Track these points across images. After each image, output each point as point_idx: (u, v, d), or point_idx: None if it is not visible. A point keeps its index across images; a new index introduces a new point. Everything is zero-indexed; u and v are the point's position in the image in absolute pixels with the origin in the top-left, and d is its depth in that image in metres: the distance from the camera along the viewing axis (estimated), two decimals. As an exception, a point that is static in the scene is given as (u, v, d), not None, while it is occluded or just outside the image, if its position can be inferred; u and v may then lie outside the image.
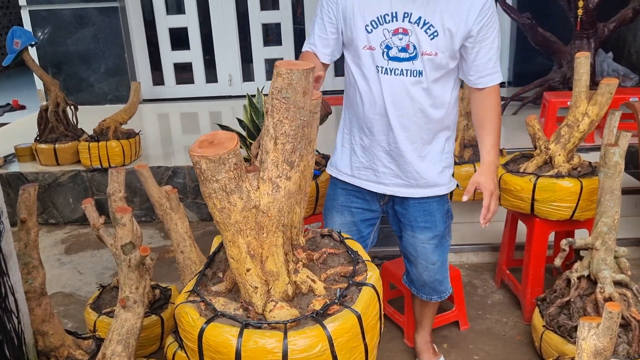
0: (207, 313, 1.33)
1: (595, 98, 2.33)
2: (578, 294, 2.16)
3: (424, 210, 1.95)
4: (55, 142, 3.75)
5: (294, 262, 1.44)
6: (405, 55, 1.75)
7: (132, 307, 1.96)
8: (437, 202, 1.97)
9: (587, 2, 3.95)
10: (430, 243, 1.99)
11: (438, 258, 2.02)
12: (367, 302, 1.31)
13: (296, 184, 1.32)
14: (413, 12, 1.71)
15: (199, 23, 5.72)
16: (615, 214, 2.10)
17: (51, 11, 5.37)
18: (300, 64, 1.23)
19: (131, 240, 1.92)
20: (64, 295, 2.95)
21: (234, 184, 1.24)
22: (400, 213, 2.00)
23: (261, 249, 1.33)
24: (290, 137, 1.24)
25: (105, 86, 5.61)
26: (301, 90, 1.19)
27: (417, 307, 2.28)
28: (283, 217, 1.31)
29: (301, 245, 1.50)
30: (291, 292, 1.37)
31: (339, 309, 1.28)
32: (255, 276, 1.33)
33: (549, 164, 2.46)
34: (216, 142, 1.26)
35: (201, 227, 3.67)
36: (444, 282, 2.09)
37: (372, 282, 1.36)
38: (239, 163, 1.24)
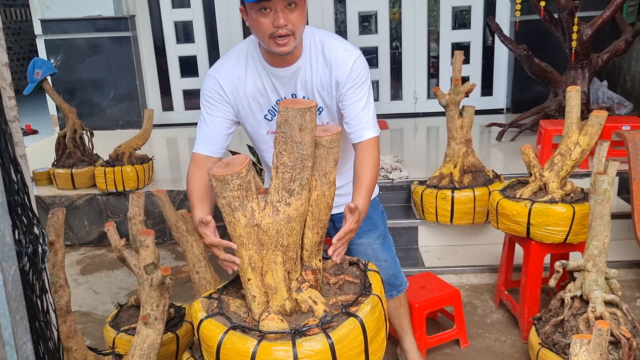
0: (211, 309, 1.58)
1: (585, 129, 2.49)
2: (571, 313, 2.29)
3: None
4: (72, 167, 3.92)
5: (299, 282, 1.58)
6: None
7: (153, 323, 2.10)
8: (371, 206, 2.06)
9: (581, 35, 4.14)
10: (376, 243, 2.17)
11: (387, 254, 2.20)
12: (346, 332, 1.42)
13: (297, 210, 1.47)
14: (297, 93, 1.89)
15: (208, 51, 5.93)
16: (605, 238, 2.24)
17: (66, 40, 5.58)
18: (301, 102, 1.39)
19: (153, 261, 2.07)
20: (81, 314, 3.08)
21: (238, 202, 1.41)
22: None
23: (261, 263, 1.49)
24: (288, 167, 1.40)
25: (116, 112, 5.80)
26: (297, 126, 1.35)
27: (391, 314, 2.31)
28: (281, 238, 1.46)
29: (314, 267, 1.65)
30: (289, 308, 1.52)
31: (318, 332, 1.41)
32: (255, 286, 1.50)
33: (544, 190, 2.60)
34: (231, 164, 1.43)
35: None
36: (399, 276, 2.25)
37: (360, 315, 1.46)
38: (245, 185, 1.40)
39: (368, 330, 1.48)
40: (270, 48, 1.73)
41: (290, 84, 1.88)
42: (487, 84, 5.89)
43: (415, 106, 5.93)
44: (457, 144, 3.26)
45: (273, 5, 1.65)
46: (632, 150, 2.83)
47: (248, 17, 1.74)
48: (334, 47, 1.85)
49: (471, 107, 3.23)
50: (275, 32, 1.68)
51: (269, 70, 1.86)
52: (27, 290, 1.45)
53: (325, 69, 1.86)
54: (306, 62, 1.86)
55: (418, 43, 5.77)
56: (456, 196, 3.17)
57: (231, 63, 1.90)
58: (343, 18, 5.85)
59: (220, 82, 1.88)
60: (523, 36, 5.00)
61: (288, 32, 1.69)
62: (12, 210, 1.40)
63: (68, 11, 5.47)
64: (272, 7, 1.65)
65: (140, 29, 5.81)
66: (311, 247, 1.61)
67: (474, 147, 4.70)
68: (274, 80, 1.87)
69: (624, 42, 4.39)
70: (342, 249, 1.67)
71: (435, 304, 2.58)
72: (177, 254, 3.76)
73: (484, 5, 5.69)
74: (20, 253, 1.42)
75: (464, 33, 5.79)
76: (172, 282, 2.22)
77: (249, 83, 1.88)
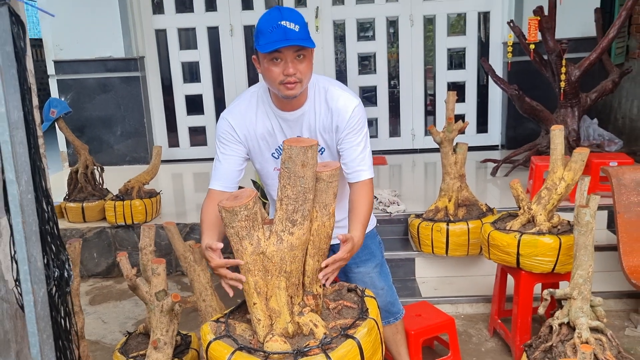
0: (219, 332, 1.70)
1: (570, 165, 2.66)
2: (559, 339, 2.41)
3: (362, 246, 2.23)
4: (84, 201, 4.08)
5: (301, 306, 1.72)
6: None
7: (162, 348, 2.23)
8: (369, 237, 2.27)
9: (569, 75, 4.35)
10: (374, 272, 2.31)
11: (384, 283, 2.34)
12: (345, 352, 1.56)
13: (300, 239, 1.62)
14: (302, 135, 2.06)
15: (213, 90, 6.17)
16: (589, 267, 2.38)
17: (77, 80, 5.82)
18: (305, 140, 1.56)
19: (164, 288, 2.21)
20: (90, 343, 3.18)
21: (245, 231, 1.56)
22: None
23: (266, 288, 1.63)
24: (291, 200, 1.56)
25: (124, 148, 6.00)
26: (299, 162, 1.52)
27: (388, 340, 2.43)
28: (285, 265, 1.61)
29: (315, 292, 1.78)
30: (291, 331, 1.65)
31: (318, 352, 1.54)
32: (260, 310, 1.64)
33: (532, 223, 2.75)
34: (239, 197, 1.59)
35: (216, 280, 3.92)
36: (395, 303, 2.38)
37: (357, 337, 1.60)
38: (251, 215, 1.56)
39: (365, 351, 1.61)
40: (280, 92, 1.91)
41: (296, 126, 2.05)
42: (483, 122, 6.09)
43: (413, 142, 6.13)
44: (451, 179, 3.42)
45: (284, 56, 1.83)
46: (616, 186, 2.99)
47: (260, 66, 1.93)
48: (335, 95, 2.04)
49: (464, 144, 3.41)
50: (285, 80, 1.86)
51: (277, 114, 2.04)
52: (52, 312, 1.60)
53: (327, 114, 2.04)
54: (310, 107, 2.04)
55: (415, 82, 6.01)
56: (451, 229, 3.31)
57: (243, 106, 2.08)
58: (343, 58, 6.11)
59: (233, 124, 2.06)
60: (515, 76, 5.22)
61: (296, 80, 1.87)
62: (42, 238, 1.55)
63: (80, 53, 5.73)
64: (283, 58, 1.84)
65: (149, 69, 6.07)
66: (312, 273, 1.75)
67: (470, 182, 4.88)
68: (281, 123, 2.05)
69: (611, 82, 4.60)
70: (331, 274, 1.77)
71: (431, 331, 2.70)
72: (182, 285, 3.88)
73: (477, 47, 5.94)
74: (48, 277, 1.57)
75: (460, 73, 6.03)
76: (181, 309, 2.35)
77: (259, 125, 2.06)
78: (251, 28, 6.03)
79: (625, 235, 2.95)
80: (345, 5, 5.93)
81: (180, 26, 6.05)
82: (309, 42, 1.85)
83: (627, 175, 3.00)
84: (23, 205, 1.46)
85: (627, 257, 2.91)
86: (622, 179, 3.00)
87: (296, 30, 1.82)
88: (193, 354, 2.74)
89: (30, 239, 1.48)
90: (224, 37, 6.01)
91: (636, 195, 2.97)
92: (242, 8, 5.95)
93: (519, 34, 4.61)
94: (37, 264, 1.51)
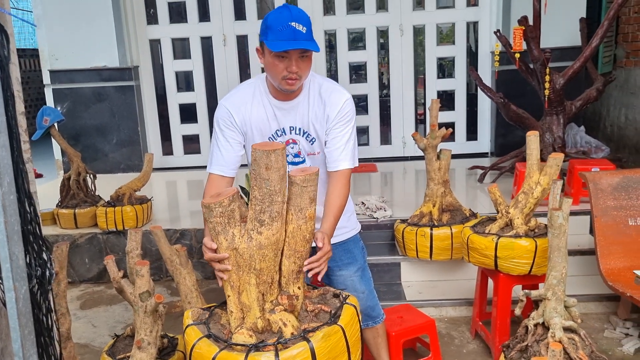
0: (199, 318, 1.81)
1: (545, 169, 2.73)
2: (535, 339, 2.47)
3: (344, 249, 2.37)
4: (76, 208, 4.15)
5: (274, 304, 1.77)
6: (298, 160, 2.23)
7: (146, 348, 2.29)
8: (352, 242, 2.40)
9: (554, 83, 4.43)
10: (355, 275, 2.38)
11: (365, 287, 2.40)
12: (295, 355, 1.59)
13: (269, 239, 1.67)
14: (295, 125, 2.18)
15: (207, 99, 6.26)
16: (563, 268, 2.44)
17: (72, 89, 5.91)
18: (272, 144, 1.62)
19: (148, 289, 2.27)
20: (79, 346, 3.24)
21: (220, 227, 1.65)
22: None
23: (238, 282, 1.71)
24: (258, 201, 1.63)
25: (119, 156, 6.07)
26: (263, 165, 1.59)
27: (370, 344, 2.51)
28: (254, 263, 1.68)
29: (291, 293, 1.84)
30: (260, 326, 1.71)
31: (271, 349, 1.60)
32: (232, 303, 1.72)
33: (510, 226, 2.82)
34: (221, 195, 1.67)
35: (205, 285, 3.99)
36: (376, 308, 2.44)
37: (312, 340, 1.62)
38: (227, 213, 1.64)
39: (318, 356, 1.61)
40: (280, 86, 2.04)
41: (289, 115, 2.16)
42: (472, 130, 6.18)
43: (404, 150, 6.21)
44: (435, 184, 3.49)
45: (289, 55, 1.96)
46: (593, 190, 3.07)
47: (264, 58, 2.05)
48: (329, 89, 2.16)
49: (448, 151, 3.48)
50: (287, 76, 1.99)
51: (272, 102, 2.15)
52: (34, 309, 1.66)
53: (320, 105, 2.15)
54: (305, 98, 2.16)
55: (405, 91, 6.10)
56: (435, 233, 3.38)
57: (240, 94, 2.19)
58: (335, 67, 6.20)
59: (231, 110, 2.15)
60: (503, 85, 5.31)
61: (297, 77, 2.01)
62: (25, 237, 1.62)
63: (76, 62, 5.82)
64: (289, 56, 1.96)
65: (143, 78, 6.16)
66: (288, 274, 1.81)
67: (459, 188, 4.97)
68: (276, 111, 2.16)
69: (596, 90, 4.69)
70: (318, 268, 1.87)
71: (411, 333, 2.75)
72: (172, 290, 3.94)
73: (466, 56, 6.04)
74: (30, 275, 1.64)
75: (449, 82, 6.13)
76: (164, 311, 2.41)
77: (254, 112, 2.16)
78: (244, 38, 6.13)
79: (602, 238, 3.02)
80: (337, 15, 6.04)
81: (174, 36, 6.15)
82: (314, 46, 1.97)
83: (604, 180, 3.07)
84: (5, 205, 1.53)
85: (604, 260, 2.98)
86: (599, 184, 3.07)
87: (303, 32, 1.95)
88: (179, 355, 2.79)
89: (12, 238, 1.55)
90: (217, 47, 6.11)
91: (612, 200, 3.05)
92: (235, 18, 6.06)
93: (505, 43, 4.70)
94: (19, 262, 1.58)
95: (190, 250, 4.09)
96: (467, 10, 5.94)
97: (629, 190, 3.10)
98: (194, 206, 5.07)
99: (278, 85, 2.06)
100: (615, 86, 5.93)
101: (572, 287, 3.33)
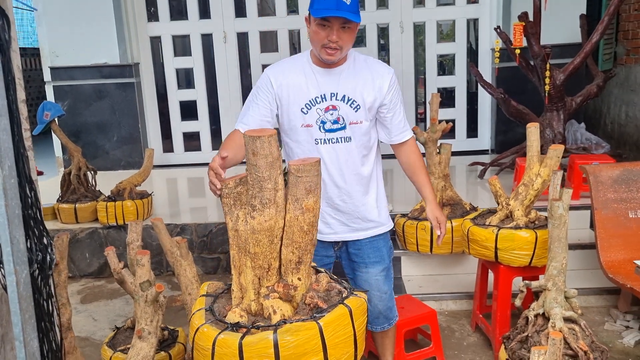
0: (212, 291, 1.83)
1: (545, 161, 2.73)
2: (535, 330, 2.47)
3: (373, 247, 2.36)
4: (76, 202, 4.15)
5: (269, 290, 1.77)
6: (338, 126, 2.21)
7: (147, 337, 2.29)
8: (382, 240, 2.39)
9: (554, 79, 4.43)
10: (381, 275, 2.37)
11: (388, 287, 2.41)
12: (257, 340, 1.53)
13: (261, 225, 1.65)
14: (338, 92, 2.19)
15: (207, 96, 6.26)
16: (563, 259, 2.44)
17: (73, 86, 5.92)
18: (262, 131, 1.61)
19: (148, 279, 2.27)
20: (80, 339, 3.24)
21: (227, 208, 1.67)
22: (353, 254, 2.38)
23: (239, 263, 1.72)
24: (250, 186, 1.65)
25: (119, 153, 6.08)
26: (250, 151, 1.59)
27: (377, 342, 2.54)
28: (248, 246, 1.68)
29: (290, 282, 1.82)
30: (254, 309, 1.72)
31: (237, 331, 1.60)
32: (234, 282, 1.74)
33: (510, 218, 2.82)
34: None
35: (205, 279, 3.97)
36: (393, 308, 2.45)
37: (278, 332, 1.53)
38: (232, 194, 1.66)
39: (281, 348, 1.52)
40: (320, 55, 2.10)
41: (332, 82, 2.18)
42: (473, 127, 6.18)
43: (405, 147, 6.19)
44: (435, 178, 3.49)
45: (331, 24, 2.02)
46: (593, 183, 3.07)
47: (310, 26, 2.11)
48: (374, 61, 2.26)
49: (448, 145, 3.49)
50: (327, 44, 2.05)
51: (314, 69, 2.18)
52: (35, 293, 1.66)
53: (368, 74, 2.19)
54: (350, 66, 2.19)
55: (406, 88, 6.09)
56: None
57: (283, 62, 2.27)
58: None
59: (270, 75, 2.20)
60: (503, 81, 5.31)
61: (337, 47, 2.05)
62: (25, 221, 1.62)
63: (76, 59, 5.82)
64: (330, 25, 2.02)
65: (144, 75, 6.16)
66: (286, 263, 1.80)
67: (460, 184, 4.97)
68: (318, 77, 2.18)
69: (596, 86, 4.69)
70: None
71: (413, 323, 2.76)
72: (173, 284, 3.94)
73: (467, 53, 6.04)
74: (31, 259, 1.64)
75: (450, 79, 6.13)
76: (165, 301, 2.42)
77: (293, 77, 2.19)
78: (244, 35, 6.13)
79: (602, 231, 3.02)
80: (337, 12, 6.04)
81: (174, 33, 6.16)
82: (356, 17, 2.01)
83: (604, 173, 3.07)
84: (6, 189, 1.53)
85: (605, 253, 2.98)
86: (599, 176, 3.07)
87: (347, 3, 1.98)
88: (180, 347, 2.79)
89: (13, 221, 1.55)
90: (218, 44, 6.11)
91: (613, 192, 3.05)
92: (235, 15, 6.06)
93: (505, 39, 4.70)
94: (19, 246, 1.58)
95: (190, 245, 4.09)
96: (467, 7, 5.95)
97: (629, 183, 3.10)
98: (194, 202, 5.08)
99: (318, 54, 2.11)
100: (616, 83, 5.93)
101: (573, 280, 3.33)
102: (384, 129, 2.31)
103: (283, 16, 6.08)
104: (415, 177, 2.40)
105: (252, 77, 6.20)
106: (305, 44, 6.08)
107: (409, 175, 2.42)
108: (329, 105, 2.18)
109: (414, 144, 2.38)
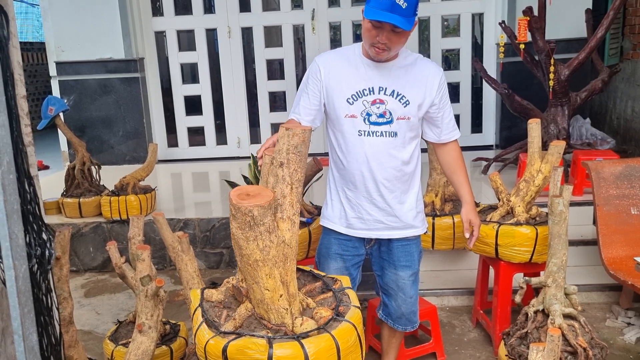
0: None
1: (546, 157, 2.72)
2: (535, 326, 2.47)
3: (405, 251, 2.33)
4: (80, 197, 4.18)
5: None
6: (383, 120, 2.17)
7: (147, 331, 2.30)
8: (415, 244, 2.35)
9: (559, 75, 4.41)
10: (409, 279, 2.35)
11: (414, 292, 2.39)
12: (243, 344, 1.51)
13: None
14: (387, 86, 2.15)
15: (212, 91, 6.27)
16: (563, 255, 2.44)
17: (78, 81, 5.94)
18: (299, 125, 1.63)
19: (149, 274, 2.28)
20: (83, 333, 3.27)
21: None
22: (384, 253, 2.36)
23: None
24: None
25: (124, 148, 6.10)
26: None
27: (385, 338, 2.54)
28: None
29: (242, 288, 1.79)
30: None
31: None
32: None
33: (511, 214, 2.82)
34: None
35: (208, 274, 4.01)
36: (416, 312, 2.43)
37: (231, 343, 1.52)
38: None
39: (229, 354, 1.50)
40: (370, 52, 2.11)
41: (381, 76, 2.16)
42: (477, 122, 6.16)
43: (409, 143, 6.19)
44: (438, 174, 3.48)
45: (383, 25, 2.00)
46: (595, 179, 3.05)
47: (363, 21, 2.09)
48: (426, 60, 2.24)
49: (450, 140, 3.48)
50: (376, 44, 2.04)
51: (365, 62, 2.17)
52: (34, 288, 1.68)
53: (419, 72, 2.18)
54: (400, 63, 2.17)
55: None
56: (437, 223, 3.37)
57: (334, 51, 2.28)
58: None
59: (319, 64, 2.20)
60: (508, 77, 5.28)
61: (385, 48, 2.04)
62: (24, 217, 1.64)
63: (82, 54, 5.85)
64: (382, 26, 2.00)
65: (149, 70, 6.18)
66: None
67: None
68: (368, 70, 2.16)
69: (601, 81, 4.66)
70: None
71: (412, 319, 2.76)
72: (175, 279, 3.97)
73: (471, 48, 6.01)
74: (30, 254, 1.65)
75: (454, 74, 6.10)
76: (165, 295, 2.43)
77: (342, 66, 2.18)
78: (249, 30, 6.13)
79: (604, 227, 3.01)
80: (341, 7, 6.03)
81: (179, 28, 6.16)
82: (406, 24, 1.96)
83: (606, 169, 3.06)
84: (5, 184, 1.54)
85: (606, 249, 2.97)
86: (601, 173, 3.06)
87: (403, 7, 1.95)
88: (181, 341, 2.81)
89: (11, 216, 1.56)
90: (222, 39, 6.12)
91: (615, 189, 3.03)
92: (240, 10, 6.06)
93: (510, 34, 4.68)
94: (18, 241, 1.59)
95: (193, 240, 4.11)
96: (472, 1, 5.91)
97: (632, 180, 3.09)
98: (198, 197, 5.10)
99: (369, 51, 2.10)
100: (622, 78, 5.89)
101: (575, 276, 3.33)
102: (434, 128, 2.29)
103: (288, 11, 6.07)
104: (455, 176, 2.37)
105: (256, 72, 6.20)
106: (309, 39, 6.07)
107: (449, 174, 2.40)
108: (376, 99, 2.16)
109: (457, 144, 2.36)
